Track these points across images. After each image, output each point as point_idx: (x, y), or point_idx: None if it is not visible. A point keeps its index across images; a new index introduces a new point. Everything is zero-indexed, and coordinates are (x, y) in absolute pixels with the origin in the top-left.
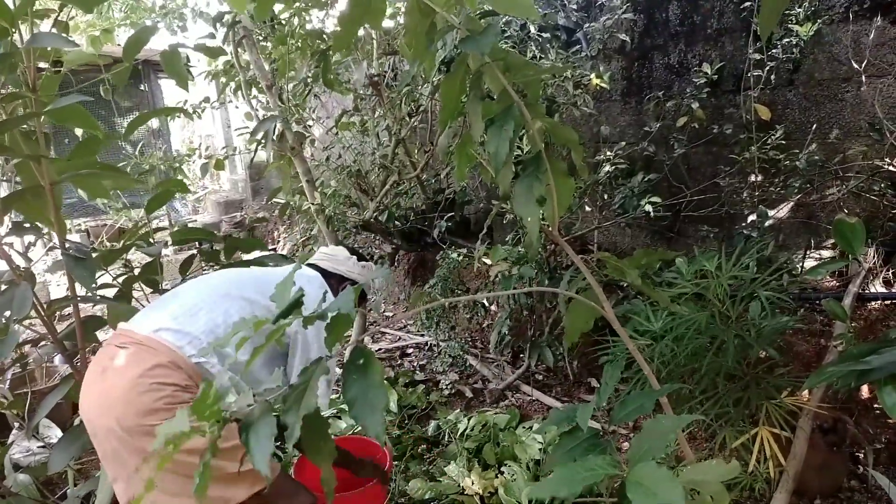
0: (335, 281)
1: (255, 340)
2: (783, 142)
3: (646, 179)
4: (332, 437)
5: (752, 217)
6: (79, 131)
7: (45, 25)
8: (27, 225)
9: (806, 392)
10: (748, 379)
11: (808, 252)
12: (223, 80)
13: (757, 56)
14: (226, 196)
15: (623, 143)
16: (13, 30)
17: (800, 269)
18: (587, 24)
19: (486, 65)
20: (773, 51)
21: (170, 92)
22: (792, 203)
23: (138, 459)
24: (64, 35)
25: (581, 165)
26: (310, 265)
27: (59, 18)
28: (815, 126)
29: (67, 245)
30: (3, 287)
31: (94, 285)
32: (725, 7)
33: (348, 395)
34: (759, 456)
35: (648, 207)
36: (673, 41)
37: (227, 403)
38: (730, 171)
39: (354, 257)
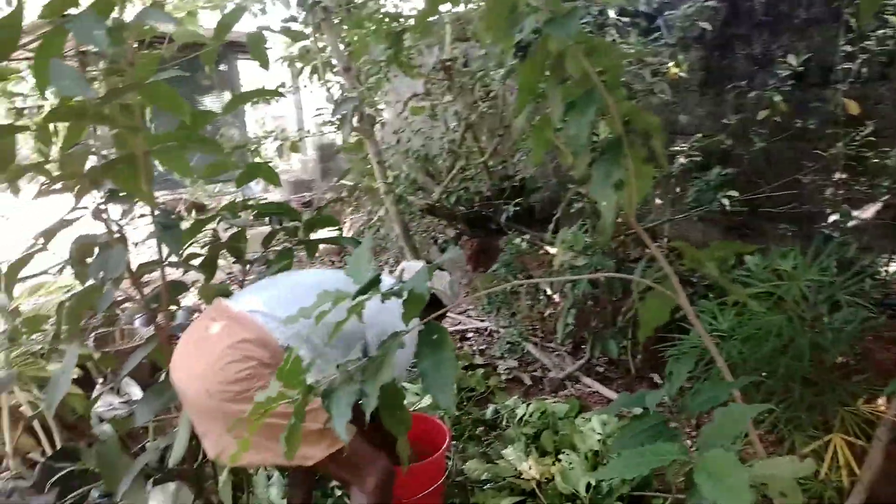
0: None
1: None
2: (872, 139)
3: (722, 173)
4: None
5: (834, 217)
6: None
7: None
8: (122, 194)
9: (884, 400)
10: (823, 384)
11: (893, 255)
12: (298, 63)
13: (848, 48)
14: (296, 176)
15: (699, 135)
16: (122, 7)
17: (884, 274)
18: (668, 12)
19: (568, 48)
20: (867, 43)
21: (246, 73)
22: (879, 204)
23: (224, 420)
24: (168, 14)
25: (661, 152)
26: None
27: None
28: None
29: (156, 213)
30: (100, 249)
31: (180, 252)
32: None
33: (421, 368)
34: (831, 464)
35: (725, 201)
36: (757, 31)
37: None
38: (813, 167)
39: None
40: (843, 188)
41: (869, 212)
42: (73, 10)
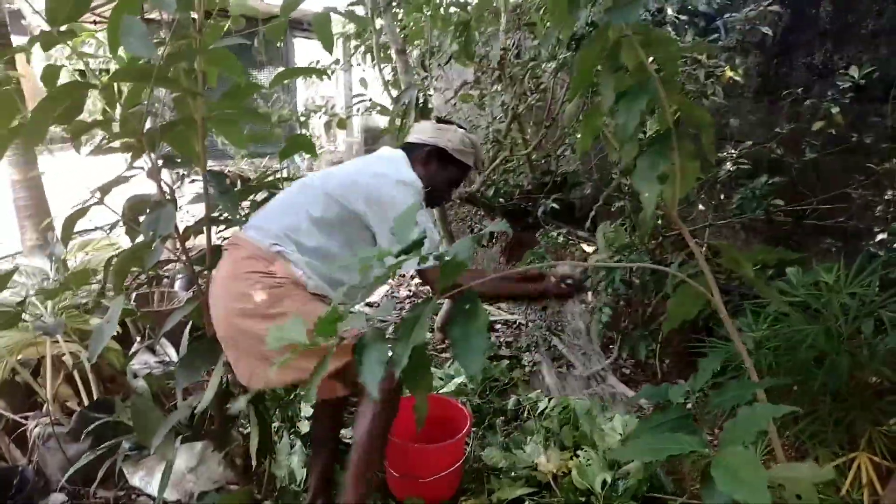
0: (419, 153)
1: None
2: None
3: (770, 182)
4: None
5: (882, 235)
6: None
7: None
8: (178, 159)
9: None
10: (854, 401)
11: None
12: (354, 42)
13: None
14: (340, 157)
15: (749, 143)
16: None
17: None
18: (728, 14)
19: (625, 37)
20: None
21: (302, 50)
22: None
23: (244, 342)
24: None
25: (710, 149)
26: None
27: None
28: None
29: (209, 178)
30: (151, 208)
31: (236, 212)
32: (887, 7)
33: (453, 335)
34: (854, 481)
35: (770, 209)
36: (819, 39)
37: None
38: (864, 182)
39: (453, 126)
40: (894, 206)
41: None
42: None
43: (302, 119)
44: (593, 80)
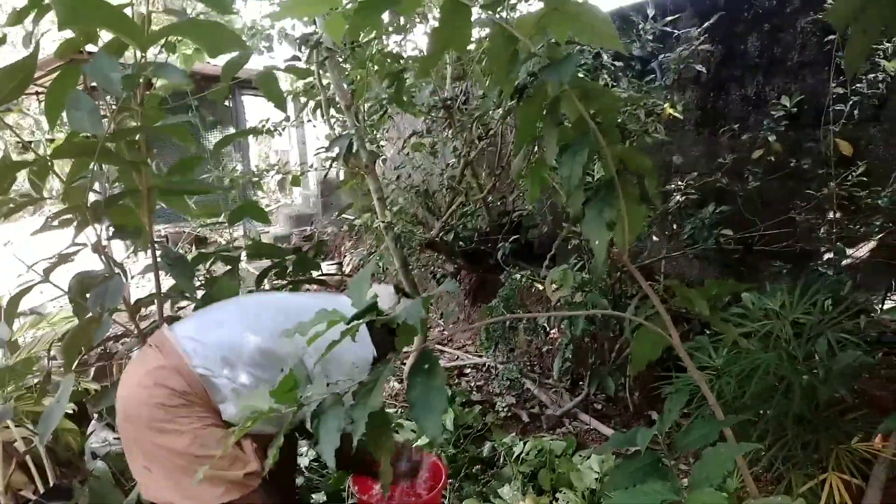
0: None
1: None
2: (864, 179)
3: (717, 211)
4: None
5: (828, 255)
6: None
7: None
8: (129, 228)
9: (880, 438)
10: (817, 422)
11: (889, 294)
12: (303, 99)
13: (840, 90)
14: (297, 210)
15: (695, 174)
16: (144, 54)
17: (879, 312)
18: (662, 55)
19: (564, 91)
20: (858, 85)
21: (252, 108)
22: (873, 242)
23: (136, 446)
24: (181, 69)
25: (654, 193)
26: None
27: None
28: None
29: (159, 249)
30: (99, 282)
31: (190, 286)
32: (808, 40)
33: (411, 396)
34: (829, 502)
35: (720, 240)
36: (751, 73)
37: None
38: (806, 206)
39: (399, 295)
40: (836, 227)
41: (863, 250)
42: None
43: (255, 180)
44: (537, 133)
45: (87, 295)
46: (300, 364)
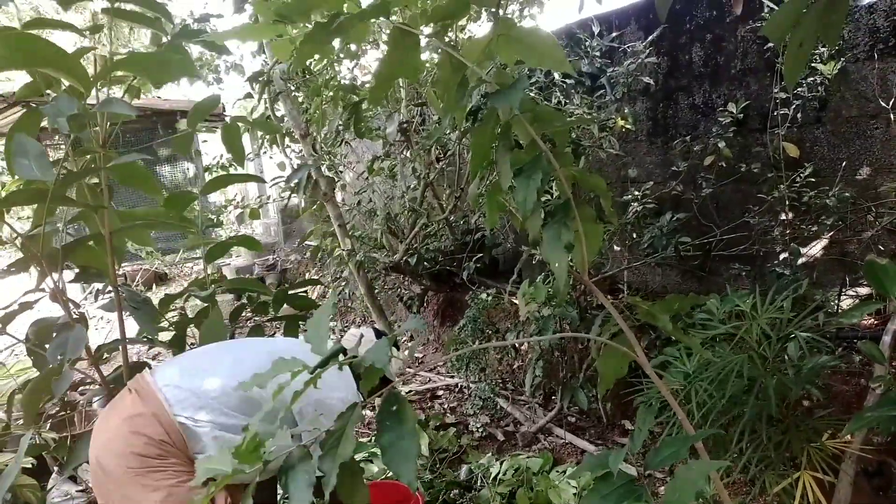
0: None
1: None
2: (812, 179)
3: (674, 219)
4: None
5: (784, 255)
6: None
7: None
8: (92, 271)
9: (848, 434)
10: (788, 422)
11: (844, 290)
12: (259, 132)
13: (783, 95)
14: (259, 238)
15: (650, 183)
16: (87, 94)
17: (836, 308)
18: (611, 69)
19: (514, 116)
20: (799, 89)
21: (205, 142)
22: (825, 240)
23: (104, 497)
24: (128, 103)
25: (610, 211)
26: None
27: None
28: (844, 163)
29: (122, 292)
30: (58, 331)
31: (154, 330)
32: (749, 48)
33: (382, 441)
34: (802, 501)
35: (679, 247)
36: (697, 82)
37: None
38: (759, 209)
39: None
40: (789, 227)
41: (816, 248)
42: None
43: (212, 217)
44: (491, 158)
45: (47, 345)
46: (288, 413)
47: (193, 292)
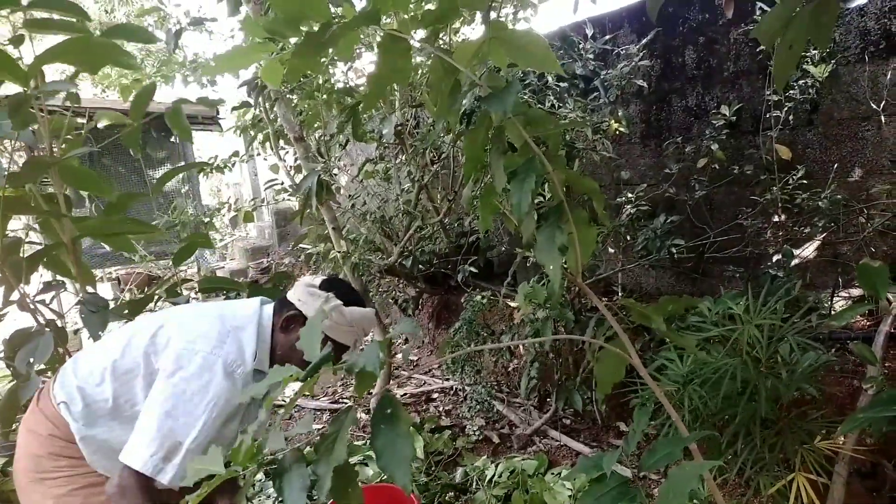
0: (283, 315)
1: None
2: (805, 181)
3: (668, 221)
4: (360, 484)
5: (777, 257)
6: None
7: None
8: (58, 279)
9: (842, 436)
10: (782, 424)
11: (836, 291)
12: (252, 133)
13: (775, 97)
14: (253, 243)
15: (644, 186)
16: (27, 89)
17: (829, 309)
18: (604, 72)
19: (507, 120)
20: (791, 92)
21: (201, 143)
22: (817, 242)
23: (23, 497)
24: (71, 82)
25: (603, 214)
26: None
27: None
28: (836, 165)
29: (85, 297)
30: (31, 338)
31: (96, 332)
32: (741, 51)
33: (376, 445)
34: (796, 502)
35: (673, 249)
36: (690, 85)
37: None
38: (752, 211)
39: (329, 294)
40: (782, 229)
41: (809, 250)
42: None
43: (206, 220)
44: (484, 161)
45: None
46: (148, 366)
47: (167, 295)
